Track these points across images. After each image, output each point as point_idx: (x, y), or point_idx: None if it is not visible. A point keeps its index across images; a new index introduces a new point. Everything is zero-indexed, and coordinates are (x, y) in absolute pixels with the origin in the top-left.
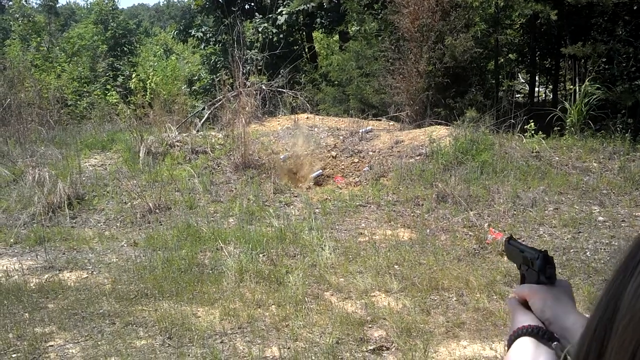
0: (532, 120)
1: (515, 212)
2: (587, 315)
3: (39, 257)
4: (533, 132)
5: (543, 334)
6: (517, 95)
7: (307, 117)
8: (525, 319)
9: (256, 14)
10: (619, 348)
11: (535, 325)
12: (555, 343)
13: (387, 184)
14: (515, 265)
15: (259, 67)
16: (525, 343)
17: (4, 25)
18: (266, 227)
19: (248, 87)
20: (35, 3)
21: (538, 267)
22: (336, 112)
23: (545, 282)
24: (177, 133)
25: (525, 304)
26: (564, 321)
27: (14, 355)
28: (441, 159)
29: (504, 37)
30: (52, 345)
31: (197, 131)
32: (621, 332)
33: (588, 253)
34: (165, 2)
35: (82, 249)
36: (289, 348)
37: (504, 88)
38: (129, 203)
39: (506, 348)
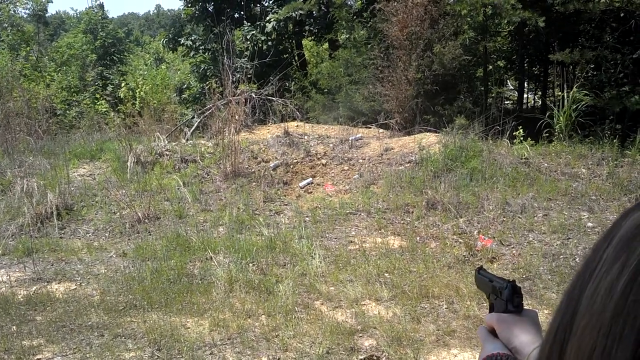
0: (520, 127)
1: (504, 219)
2: None
3: (27, 268)
4: (522, 138)
5: None
6: (506, 102)
7: (297, 125)
8: (493, 347)
9: (245, 22)
10: (577, 349)
11: (503, 353)
12: None
13: (377, 191)
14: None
15: (248, 75)
16: None
17: None
18: (256, 236)
19: (238, 95)
20: (25, 12)
21: (506, 297)
22: (326, 119)
23: (513, 310)
24: (166, 142)
25: (494, 333)
26: (530, 349)
27: None
28: (431, 166)
29: (492, 45)
30: (40, 359)
31: (187, 140)
32: (580, 333)
33: (577, 259)
34: (155, 11)
35: (70, 260)
36: (279, 359)
37: (492, 95)
38: (118, 213)
39: None
